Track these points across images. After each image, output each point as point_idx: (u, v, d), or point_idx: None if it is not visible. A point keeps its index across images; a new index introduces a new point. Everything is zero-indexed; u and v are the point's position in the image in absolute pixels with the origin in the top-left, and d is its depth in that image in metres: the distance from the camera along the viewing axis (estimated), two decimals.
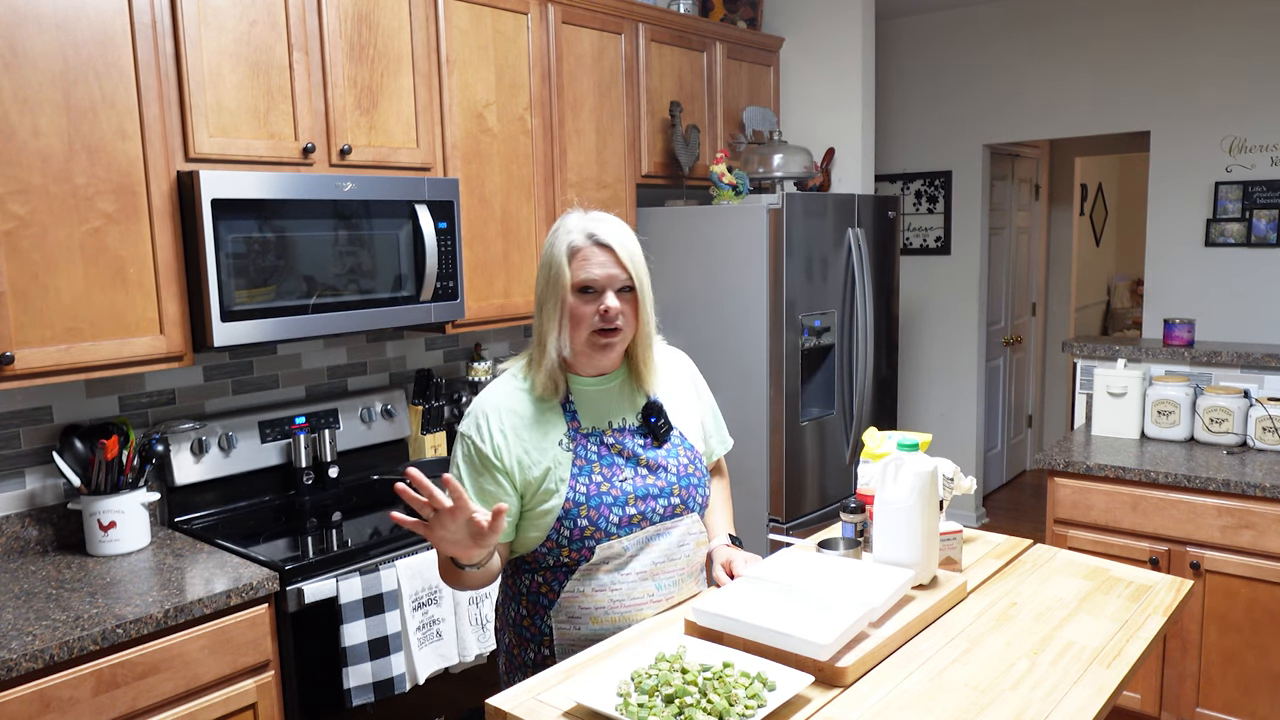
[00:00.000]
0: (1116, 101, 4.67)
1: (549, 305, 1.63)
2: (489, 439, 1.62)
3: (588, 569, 1.64)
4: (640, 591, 1.67)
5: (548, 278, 1.63)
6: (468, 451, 1.64)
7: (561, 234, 1.64)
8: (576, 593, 1.65)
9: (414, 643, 2.32)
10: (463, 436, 1.66)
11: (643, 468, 1.68)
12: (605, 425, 1.69)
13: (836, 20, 4.04)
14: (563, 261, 1.61)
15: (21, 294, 2.01)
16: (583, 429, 1.67)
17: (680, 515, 1.71)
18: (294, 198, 2.35)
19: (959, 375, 5.37)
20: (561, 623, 1.66)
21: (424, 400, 3.05)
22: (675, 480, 1.70)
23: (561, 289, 1.61)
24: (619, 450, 1.67)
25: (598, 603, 1.65)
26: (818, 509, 3.48)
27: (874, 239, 3.62)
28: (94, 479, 2.29)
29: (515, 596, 1.72)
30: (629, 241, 1.65)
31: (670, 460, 1.71)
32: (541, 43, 3.07)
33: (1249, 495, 2.80)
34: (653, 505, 1.67)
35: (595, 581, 1.65)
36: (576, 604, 1.65)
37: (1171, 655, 2.98)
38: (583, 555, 1.63)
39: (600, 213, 1.68)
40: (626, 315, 1.63)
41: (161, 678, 1.96)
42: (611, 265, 1.62)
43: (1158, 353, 3.45)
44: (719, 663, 1.43)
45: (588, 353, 1.64)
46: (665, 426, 1.71)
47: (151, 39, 2.17)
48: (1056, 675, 1.48)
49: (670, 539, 1.70)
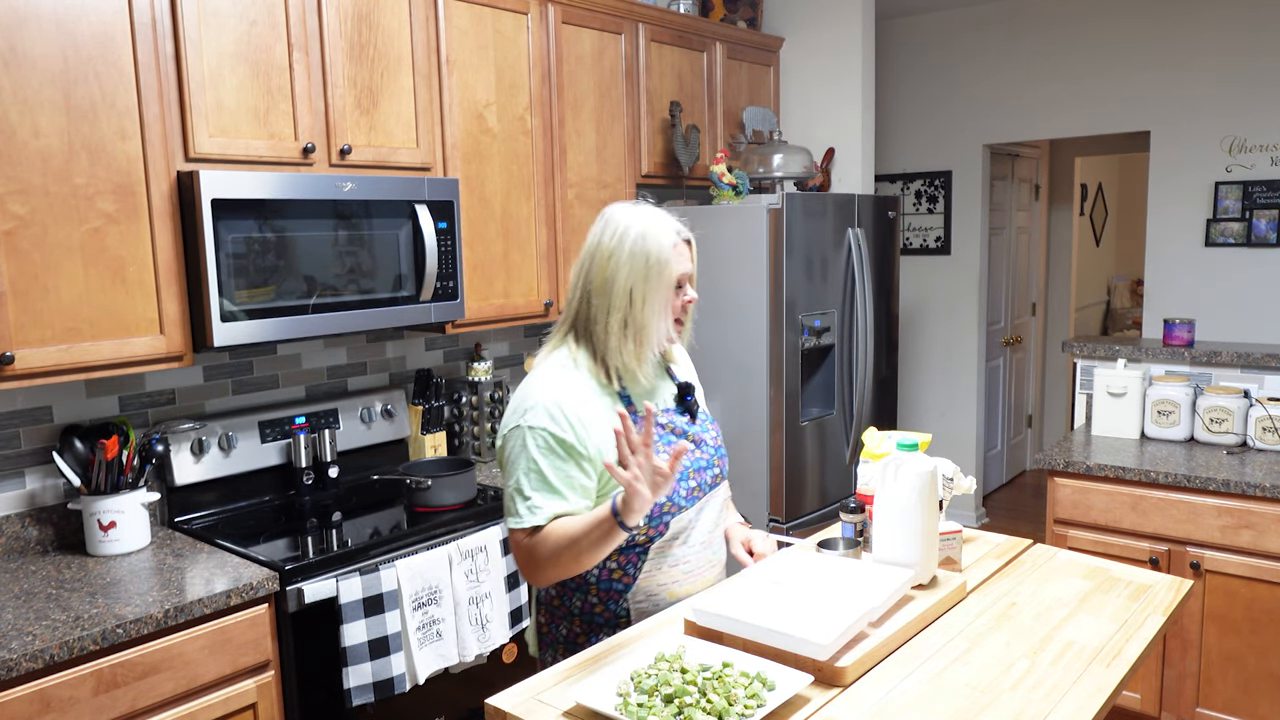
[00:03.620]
0: (1116, 101, 4.67)
1: (654, 298, 1.68)
2: (570, 427, 1.62)
3: (661, 546, 1.71)
4: (703, 560, 1.78)
5: (646, 272, 1.67)
6: (544, 443, 1.61)
7: (659, 230, 1.69)
8: (654, 571, 1.72)
9: (414, 643, 2.32)
10: (532, 430, 1.62)
11: (690, 443, 1.78)
12: (655, 407, 1.77)
13: (836, 20, 4.04)
14: (669, 256, 1.68)
15: (21, 294, 2.01)
16: (639, 412, 1.74)
17: (719, 484, 1.83)
18: (294, 198, 2.35)
19: (959, 375, 5.37)
20: (639, 602, 1.73)
21: (424, 400, 3.05)
22: (713, 452, 1.83)
23: (668, 281, 1.69)
24: (671, 429, 1.77)
25: (673, 577, 1.74)
26: (818, 509, 3.48)
27: (874, 239, 3.62)
28: (94, 479, 2.29)
29: (582, 587, 1.74)
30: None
31: (705, 434, 1.83)
32: (541, 43, 3.07)
33: (1249, 495, 2.80)
34: (704, 477, 1.78)
35: (670, 557, 1.73)
36: (654, 581, 1.72)
37: (1171, 655, 2.98)
38: (658, 531, 1.70)
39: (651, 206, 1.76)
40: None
41: (161, 678, 1.96)
42: (689, 260, 1.75)
43: (1158, 353, 3.45)
44: (719, 663, 1.43)
45: (671, 338, 1.76)
46: (696, 403, 1.84)
47: (151, 39, 2.17)
48: (1056, 675, 1.48)
49: (715, 506, 1.82)
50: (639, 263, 1.67)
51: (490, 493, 2.76)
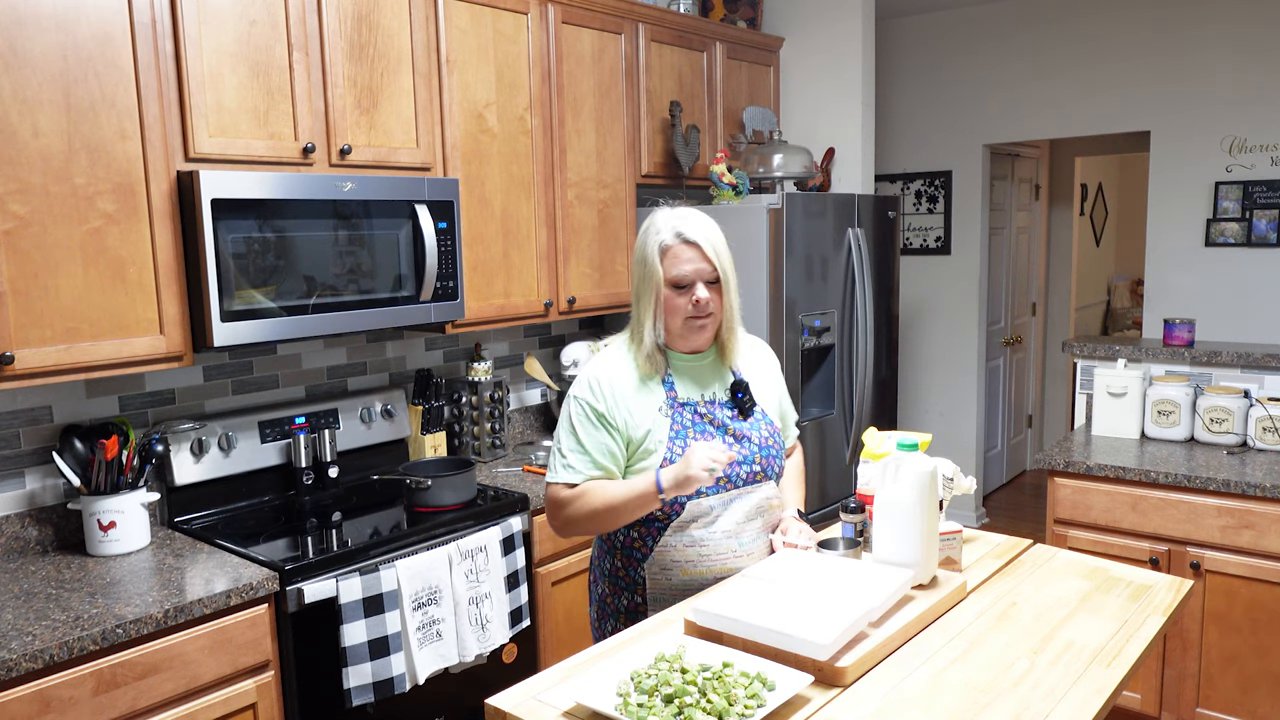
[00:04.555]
0: (1116, 101, 4.67)
1: (645, 298, 1.84)
2: (604, 399, 1.83)
3: (679, 524, 1.82)
4: (725, 548, 1.84)
5: (643, 274, 1.84)
6: (582, 410, 1.84)
7: (652, 233, 1.84)
8: (669, 546, 1.83)
9: (414, 643, 2.32)
10: (576, 399, 1.85)
11: (729, 436, 1.88)
12: (699, 397, 1.89)
13: (836, 20, 4.03)
14: (655, 259, 1.81)
15: (21, 294, 2.01)
16: (679, 399, 1.87)
17: (760, 482, 1.89)
18: (294, 198, 2.35)
19: (959, 375, 5.37)
20: (654, 574, 1.85)
21: (424, 400, 3.05)
22: (757, 450, 1.89)
23: (655, 284, 1.82)
24: (710, 420, 1.87)
25: (687, 556, 1.83)
26: (818, 509, 3.48)
27: (874, 239, 3.62)
28: (94, 479, 2.29)
29: (610, 550, 1.93)
30: (714, 236, 1.84)
31: (753, 432, 1.90)
32: (541, 43, 3.07)
33: (1249, 495, 2.80)
34: (737, 470, 1.85)
35: (686, 536, 1.83)
36: (669, 556, 1.84)
37: (1171, 655, 2.98)
38: (674, 510, 1.81)
39: (686, 209, 1.88)
40: (715, 302, 1.84)
41: (161, 678, 1.96)
42: (699, 260, 1.81)
43: (1158, 353, 3.45)
44: (719, 663, 1.43)
45: (684, 335, 1.85)
46: (750, 401, 1.91)
47: (151, 39, 2.17)
48: (1056, 675, 1.48)
49: (751, 501, 1.87)
50: (638, 264, 1.86)
51: (490, 493, 2.76)
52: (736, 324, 1.91)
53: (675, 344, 1.88)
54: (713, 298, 1.83)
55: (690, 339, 1.86)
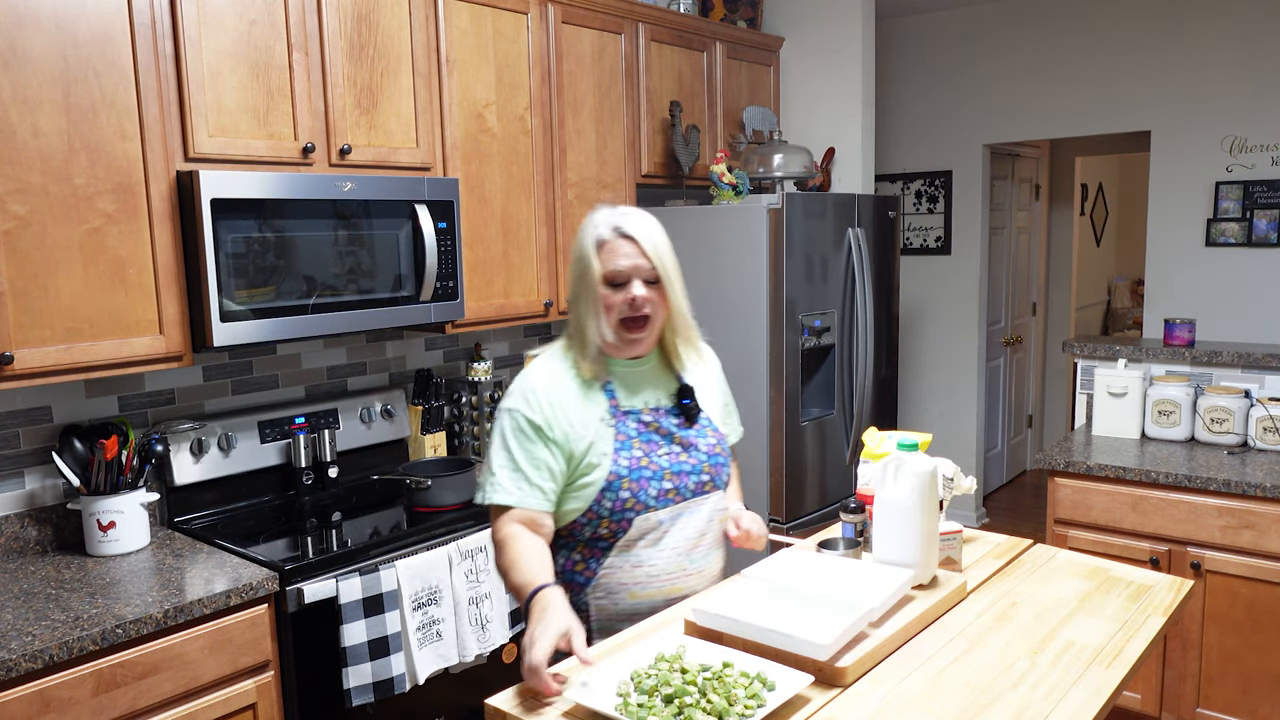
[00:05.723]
0: (1116, 101, 4.67)
1: (584, 296, 1.73)
2: (540, 410, 1.70)
3: (625, 544, 1.71)
4: (675, 566, 1.74)
5: (580, 271, 1.74)
6: (517, 424, 1.70)
7: (589, 228, 1.74)
8: (615, 568, 1.72)
9: (414, 643, 2.32)
10: (510, 411, 1.72)
11: (676, 445, 1.77)
12: (642, 405, 1.78)
13: (836, 20, 4.03)
14: (591, 254, 1.71)
15: (21, 294, 2.01)
16: (622, 407, 1.76)
17: (708, 493, 1.79)
18: (294, 198, 2.35)
19: (959, 375, 5.37)
20: (599, 599, 1.73)
21: (424, 400, 3.05)
22: (705, 459, 1.79)
23: (592, 280, 1.71)
24: (656, 428, 1.76)
25: (635, 578, 1.72)
26: (818, 509, 3.48)
27: (874, 239, 3.62)
28: (93, 479, 2.29)
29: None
30: (654, 233, 1.74)
31: (700, 440, 1.80)
32: (541, 43, 3.07)
33: (1250, 495, 2.80)
34: (685, 481, 1.75)
35: (633, 557, 1.72)
36: (615, 579, 1.72)
37: (1172, 655, 2.98)
38: (621, 528, 1.70)
39: (628, 207, 1.78)
40: (655, 303, 1.73)
41: (161, 678, 1.96)
42: (636, 256, 1.71)
43: (1158, 353, 3.45)
44: (719, 663, 1.43)
45: (621, 336, 1.73)
46: (695, 407, 1.81)
47: (151, 39, 2.17)
48: (1056, 675, 1.48)
49: (700, 515, 1.78)
50: (575, 262, 1.76)
51: None
52: (684, 328, 1.79)
53: (613, 348, 1.75)
54: (653, 298, 1.71)
55: (626, 341, 1.73)
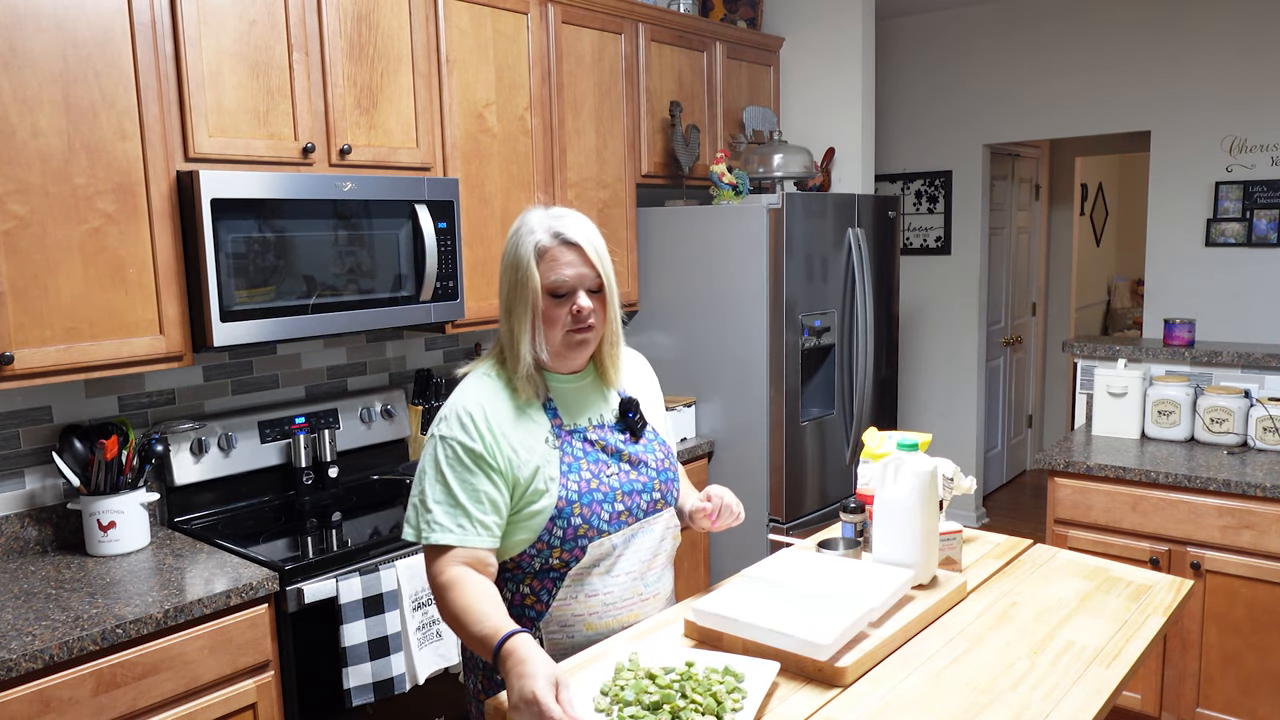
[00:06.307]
0: (1116, 101, 4.67)
1: (519, 309, 1.58)
2: (479, 437, 1.54)
3: (578, 573, 1.59)
4: (630, 591, 1.64)
5: (514, 280, 1.58)
6: (452, 454, 1.54)
7: (525, 233, 1.59)
8: (569, 600, 1.60)
9: (414, 643, 2.32)
10: (443, 439, 1.55)
11: (625, 463, 1.66)
12: (586, 422, 1.66)
13: (836, 20, 4.03)
14: (531, 263, 1.56)
15: (21, 294, 2.01)
16: (565, 426, 1.63)
17: (660, 510, 1.69)
18: (294, 198, 2.35)
19: (959, 375, 5.37)
20: (553, 633, 1.61)
21: (424, 400, 3.05)
22: (655, 475, 1.69)
23: (531, 292, 1.56)
24: (602, 447, 1.65)
25: (590, 608, 1.61)
26: (818, 509, 3.48)
27: (874, 239, 3.62)
28: (93, 479, 2.29)
29: None
30: (595, 239, 1.62)
31: (649, 455, 1.70)
32: (541, 43, 3.07)
33: (1249, 495, 2.80)
34: (637, 500, 1.65)
35: (588, 586, 1.60)
36: (569, 611, 1.60)
37: (1172, 655, 2.98)
38: (574, 556, 1.58)
39: (562, 209, 1.65)
40: (597, 314, 1.61)
41: (161, 678, 1.96)
42: (581, 264, 1.58)
43: (1158, 353, 3.45)
44: (681, 663, 1.42)
45: (562, 353, 1.61)
46: (641, 421, 1.70)
47: (151, 39, 2.17)
48: (1056, 675, 1.48)
49: (653, 535, 1.68)
50: (508, 270, 1.60)
51: None
52: (619, 338, 1.68)
53: (554, 364, 1.62)
54: (595, 308, 1.59)
55: (569, 358, 1.62)
